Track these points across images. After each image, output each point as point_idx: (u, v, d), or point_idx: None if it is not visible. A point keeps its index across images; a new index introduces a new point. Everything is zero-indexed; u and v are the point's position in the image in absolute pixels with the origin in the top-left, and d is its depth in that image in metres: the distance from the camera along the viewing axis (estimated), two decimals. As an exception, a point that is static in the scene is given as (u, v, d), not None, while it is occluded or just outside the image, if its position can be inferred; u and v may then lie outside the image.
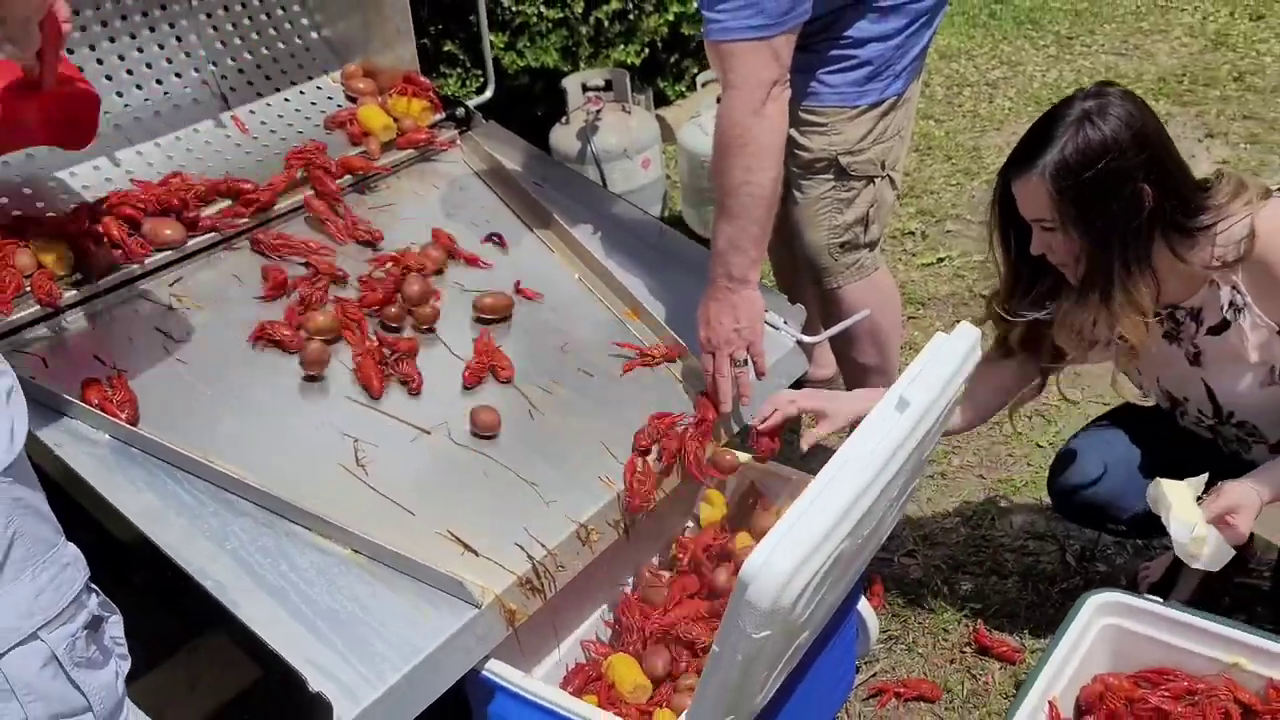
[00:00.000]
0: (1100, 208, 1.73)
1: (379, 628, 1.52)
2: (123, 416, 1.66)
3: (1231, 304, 1.81)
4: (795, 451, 2.01)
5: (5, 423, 1.13)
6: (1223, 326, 1.83)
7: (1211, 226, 1.76)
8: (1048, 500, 2.29)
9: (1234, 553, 1.78)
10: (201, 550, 1.56)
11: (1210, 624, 1.77)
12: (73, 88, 1.60)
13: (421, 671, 1.50)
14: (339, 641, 1.49)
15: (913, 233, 3.79)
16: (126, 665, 1.29)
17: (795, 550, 1.27)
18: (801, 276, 2.53)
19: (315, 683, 1.43)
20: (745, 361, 1.97)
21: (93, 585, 1.25)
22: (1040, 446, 2.76)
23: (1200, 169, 3.98)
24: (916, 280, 3.51)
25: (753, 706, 1.52)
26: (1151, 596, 1.90)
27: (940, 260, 3.61)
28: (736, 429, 2.00)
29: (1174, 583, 2.19)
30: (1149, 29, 5.31)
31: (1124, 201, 1.72)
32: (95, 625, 1.23)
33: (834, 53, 2.13)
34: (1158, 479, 1.83)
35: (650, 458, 1.85)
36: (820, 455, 1.67)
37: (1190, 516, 1.76)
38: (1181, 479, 1.84)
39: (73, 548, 1.22)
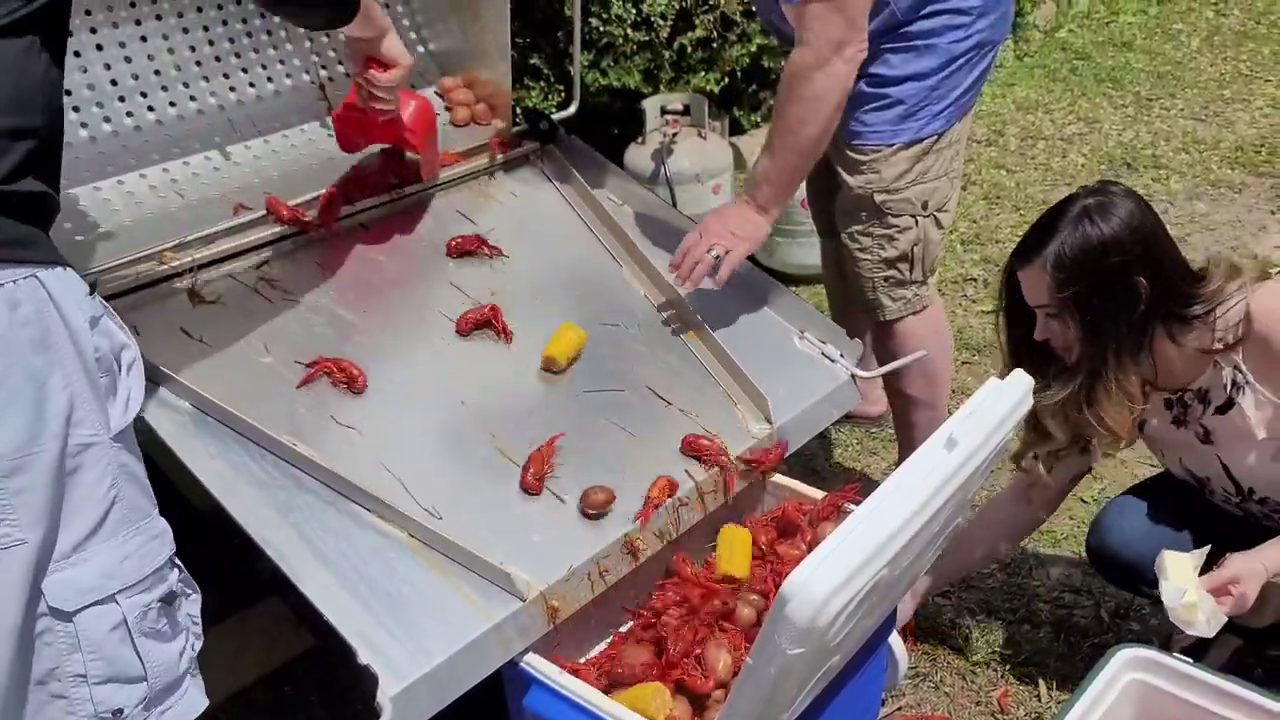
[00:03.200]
0: (1096, 299, 1.85)
1: (428, 610, 1.59)
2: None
3: (1234, 383, 1.88)
4: (825, 473, 2.05)
5: (124, 392, 1.20)
6: (1228, 405, 1.91)
7: (1209, 313, 1.85)
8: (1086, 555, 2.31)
9: (1226, 619, 1.83)
10: (267, 520, 1.63)
11: (1237, 688, 1.78)
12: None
13: (465, 656, 1.56)
14: (389, 619, 1.56)
15: (974, 279, 3.82)
16: (198, 645, 1.34)
17: (835, 573, 1.31)
18: (858, 310, 2.58)
19: (364, 656, 1.49)
20: (717, 259, 2.13)
21: (177, 561, 1.30)
22: (1084, 502, 2.77)
23: (1271, 241, 3.99)
24: (974, 326, 3.54)
25: (779, 722, 1.56)
26: (1183, 657, 1.92)
27: (1000, 309, 3.63)
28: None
29: (1207, 648, 2.20)
30: (1231, 97, 5.29)
31: (1119, 294, 1.85)
32: (170, 599, 1.28)
33: (868, 89, 2.18)
34: (1163, 550, 1.90)
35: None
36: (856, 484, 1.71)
37: (1182, 583, 1.83)
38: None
39: (163, 522, 1.27)
